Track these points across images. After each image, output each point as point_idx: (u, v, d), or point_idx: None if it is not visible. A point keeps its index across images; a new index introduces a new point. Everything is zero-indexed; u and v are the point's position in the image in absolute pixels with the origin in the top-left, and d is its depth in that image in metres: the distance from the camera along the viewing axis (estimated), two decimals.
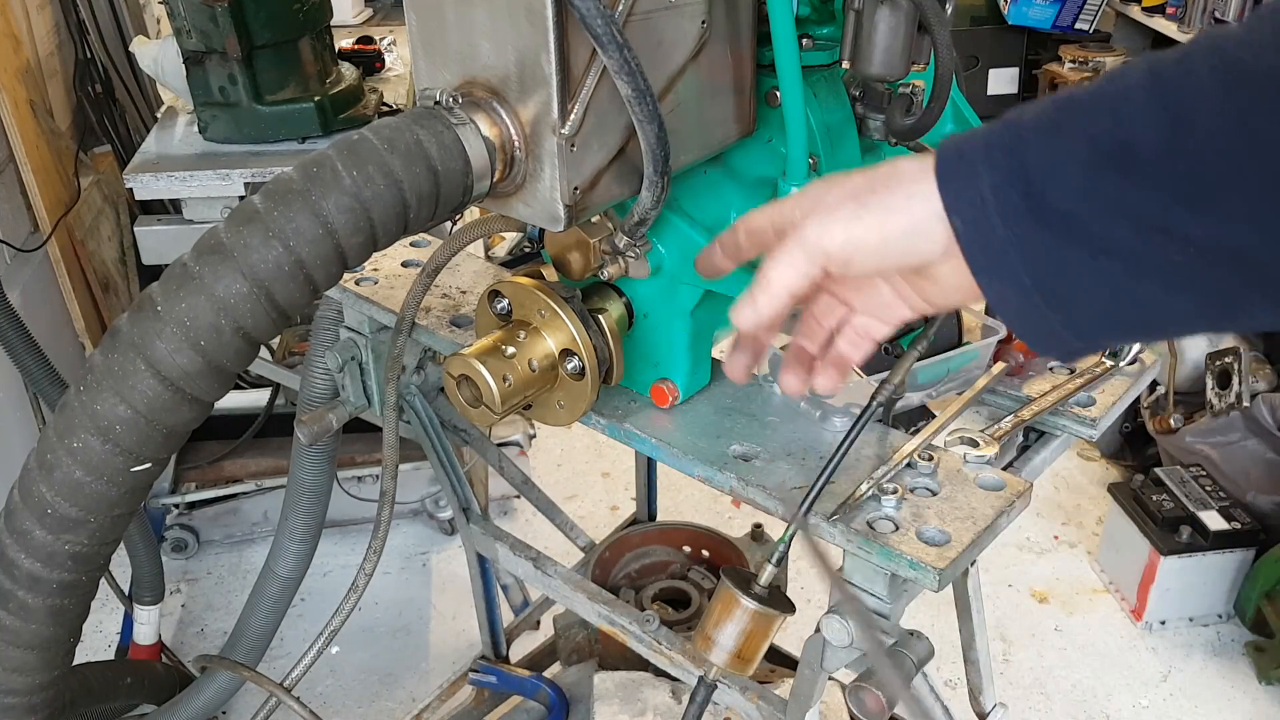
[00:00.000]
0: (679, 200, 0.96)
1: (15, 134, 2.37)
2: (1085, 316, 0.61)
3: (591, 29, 0.72)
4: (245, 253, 0.75)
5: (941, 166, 0.62)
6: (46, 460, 0.82)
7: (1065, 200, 0.58)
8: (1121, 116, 0.57)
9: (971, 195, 0.60)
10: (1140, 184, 0.56)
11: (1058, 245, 0.59)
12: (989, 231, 0.60)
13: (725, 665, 0.92)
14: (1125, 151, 0.56)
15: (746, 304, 0.68)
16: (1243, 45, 0.55)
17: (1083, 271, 0.59)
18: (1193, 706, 2.30)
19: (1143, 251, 0.57)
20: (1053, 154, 0.58)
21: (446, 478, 1.37)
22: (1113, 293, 0.59)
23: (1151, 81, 0.57)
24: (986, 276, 0.62)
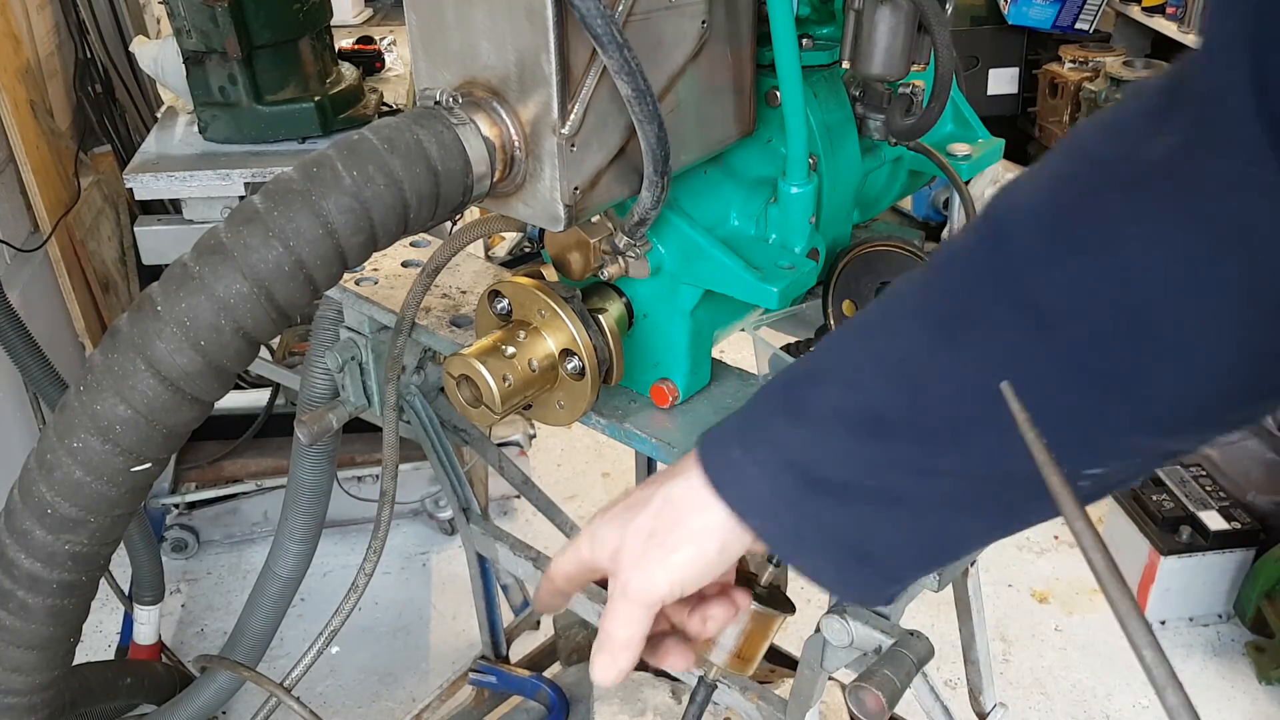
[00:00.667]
0: (679, 200, 0.96)
1: (15, 134, 2.37)
2: (893, 562, 0.64)
3: (591, 29, 0.72)
4: (245, 253, 0.75)
5: (712, 475, 0.64)
6: (46, 460, 0.82)
7: (836, 472, 0.61)
8: (853, 386, 0.61)
9: (752, 496, 0.63)
10: (898, 441, 0.59)
11: (846, 511, 0.62)
12: (783, 522, 0.63)
13: (725, 665, 0.92)
14: (873, 419, 0.60)
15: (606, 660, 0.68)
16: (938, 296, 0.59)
17: (877, 525, 0.62)
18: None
19: (921, 492, 0.60)
20: (806, 432, 0.62)
21: (446, 478, 1.37)
22: (909, 534, 0.63)
23: (869, 350, 0.62)
24: (798, 560, 0.65)
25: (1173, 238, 0.51)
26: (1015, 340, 0.55)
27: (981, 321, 0.57)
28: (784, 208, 0.96)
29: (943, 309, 0.59)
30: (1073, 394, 0.55)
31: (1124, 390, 0.54)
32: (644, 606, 0.66)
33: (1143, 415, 0.55)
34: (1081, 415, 0.55)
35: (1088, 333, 0.53)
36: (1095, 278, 0.53)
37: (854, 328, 0.65)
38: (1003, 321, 0.56)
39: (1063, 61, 3.60)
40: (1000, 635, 2.47)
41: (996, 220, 0.57)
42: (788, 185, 0.94)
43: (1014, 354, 0.56)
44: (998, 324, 0.56)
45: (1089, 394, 0.55)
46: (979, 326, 0.57)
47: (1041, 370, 0.55)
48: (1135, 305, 0.52)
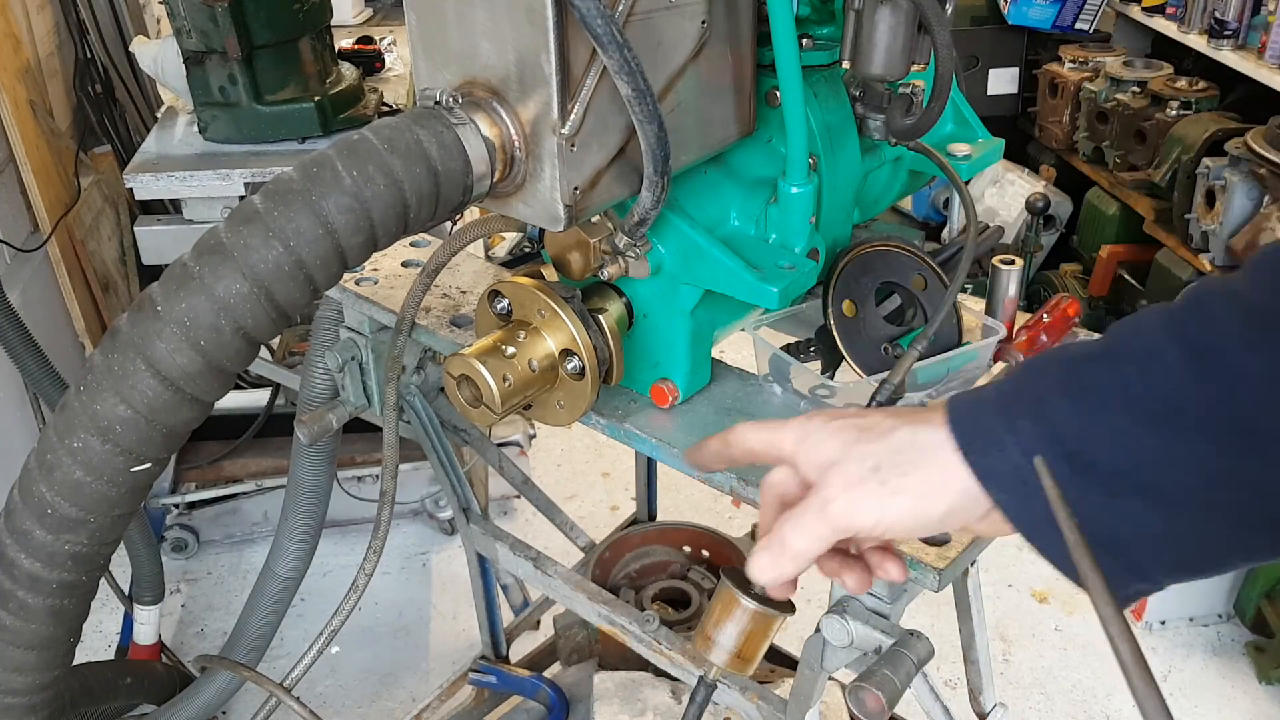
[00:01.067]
0: (679, 200, 0.96)
1: (15, 134, 2.37)
2: (1148, 561, 0.60)
3: (591, 29, 0.72)
4: (245, 253, 0.75)
5: (961, 439, 0.61)
6: (46, 460, 0.82)
7: (1112, 459, 0.57)
8: (1153, 374, 0.57)
9: (1005, 467, 0.60)
10: (1193, 438, 0.55)
11: (1111, 500, 0.58)
12: (1032, 497, 0.59)
13: (725, 665, 0.92)
14: (1171, 410, 0.56)
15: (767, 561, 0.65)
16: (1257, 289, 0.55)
17: (1142, 521, 0.58)
18: (1193, 706, 2.30)
19: (1207, 497, 0.56)
20: (1088, 416, 0.58)
21: (446, 478, 1.37)
22: (1177, 537, 0.59)
23: (1174, 335, 0.57)
24: (1042, 541, 0.61)
25: None
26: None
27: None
28: (784, 208, 0.96)
29: (1265, 300, 0.55)
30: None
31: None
32: (836, 531, 0.63)
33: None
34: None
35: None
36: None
37: (1160, 312, 0.59)
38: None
39: (1063, 61, 3.59)
40: (1000, 635, 2.47)
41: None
42: (788, 185, 0.94)
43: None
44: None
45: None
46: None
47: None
48: None
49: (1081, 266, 3.50)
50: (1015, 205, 3.55)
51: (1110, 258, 3.32)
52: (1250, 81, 2.87)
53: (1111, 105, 3.34)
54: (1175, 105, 3.14)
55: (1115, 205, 3.36)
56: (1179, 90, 3.19)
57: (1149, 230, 3.15)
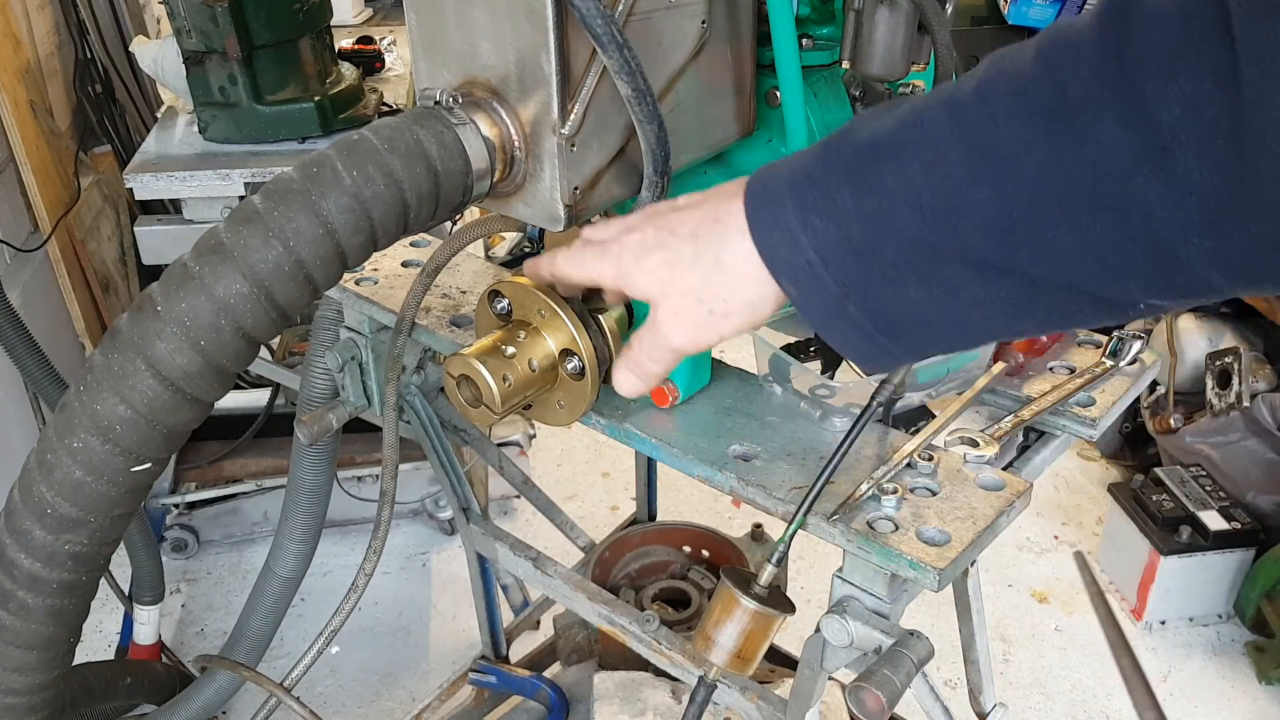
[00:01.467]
0: None
1: (15, 134, 2.37)
2: (922, 339, 0.65)
3: (591, 29, 0.72)
4: (245, 253, 0.75)
5: (759, 238, 0.65)
6: (46, 460, 0.82)
7: (895, 252, 0.61)
8: (937, 169, 0.59)
9: (796, 258, 0.64)
10: (973, 233, 0.58)
11: (893, 289, 0.62)
12: (823, 290, 0.64)
13: (725, 665, 0.92)
14: (951, 205, 0.58)
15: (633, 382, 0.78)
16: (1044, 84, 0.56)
17: (920, 309, 0.62)
18: (1193, 706, 2.30)
19: (980, 289, 0.60)
20: (873, 208, 0.61)
21: (446, 478, 1.37)
22: (952, 321, 0.63)
23: (959, 130, 0.58)
24: (828, 330, 0.66)
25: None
26: (1123, 154, 0.53)
27: (1088, 126, 0.54)
28: None
29: (1049, 103, 0.55)
30: (1174, 221, 0.53)
31: (1224, 228, 0.52)
32: (679, 354, 0.73)
33: (1229, 256, 0.53)
34: (1173, 244, 0.54)
35: (1201, 164, 0.51)
36: (1219, 107, 0.50)
37: (944, 103, 0.60)
38: (1112, 132, 0.53)
39: None
40: (1000, 635, 2.47)
41: (1117, 14, 0.53)
42: None
43: (1117, 167, 0.53)
44: (1107, 133, 0.53)
45: (1188, 223, 0.53)
46: (1087, 133, 0.54)
47: (1147, 189, 0.53)
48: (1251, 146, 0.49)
49: None
50: None
51: None
52: None
53: None
54: None
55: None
56: None
57: None
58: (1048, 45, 0.57)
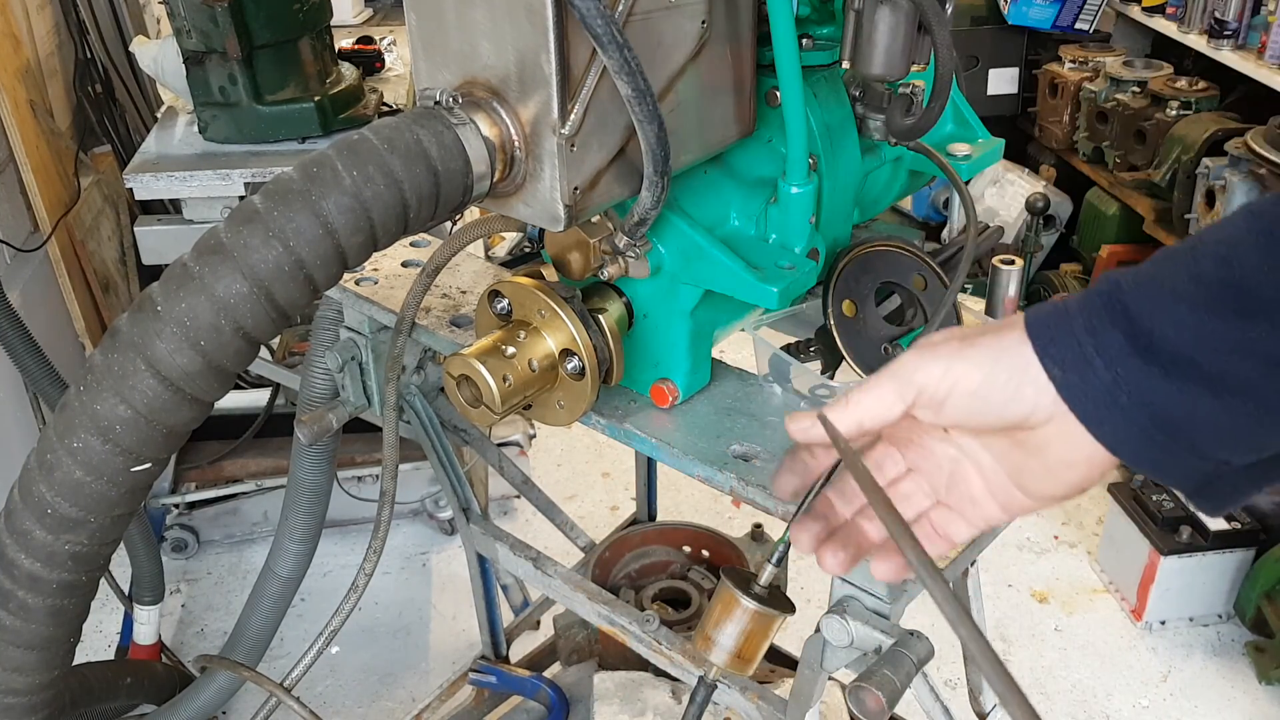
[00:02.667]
0: (679, 200, 0.96)
1: (15, 134, 2.37)
2: (1209, 442, 0.59)
3: (591, 29, 0.72)
4: (245, 253, 0.75)
5: (1032, 325, 0.61)
6: (46, 460, 0.82)
7: (1177, 341, 0.57)
8: (1228, 260, 0.56)
9: (1067, 341, 0.60)
10: (1260, 323, 0.55)
11: (1171, 384, 0.57)
12: (1090, 374, 0.59)
13: (725, 665, 0.92)
14: (1240, 293, 0.55)
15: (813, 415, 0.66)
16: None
17: (1205, 408, 0.58)
18: (1192, 706, 2.30)
19: (1269, 385, 0.56)
20: (1156, 297, 0.58)
21: (446, 478, 1.37)
22: (1239, 422, 0.58)
23: (1255, 223, 0.56)
24: (1095, 422, 0.60)
25: None
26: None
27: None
28: (784, 208, 0.96)
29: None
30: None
31: None
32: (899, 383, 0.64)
33: None
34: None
35: None
36: None
37: (1246, 208, 0.59)
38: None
39: (1063, 61, 3.60)
40: (1000, 635, 2.47)
41: None
42: (788, 185, 0.94)
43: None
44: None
45: None
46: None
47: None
48: None
49: (1081, 266, 3.50)
50: (1015, 205, 3.55)
51: (1110, 258, 3.32)
52: (1250, 81, 2.87)
53: (1111, 105, 3.35)
54: (1175, 105, 3.14)
55: (1115, 205, 3.36)
56: (1179, 90, 3.19)
57: (1149, 230, 3.15)
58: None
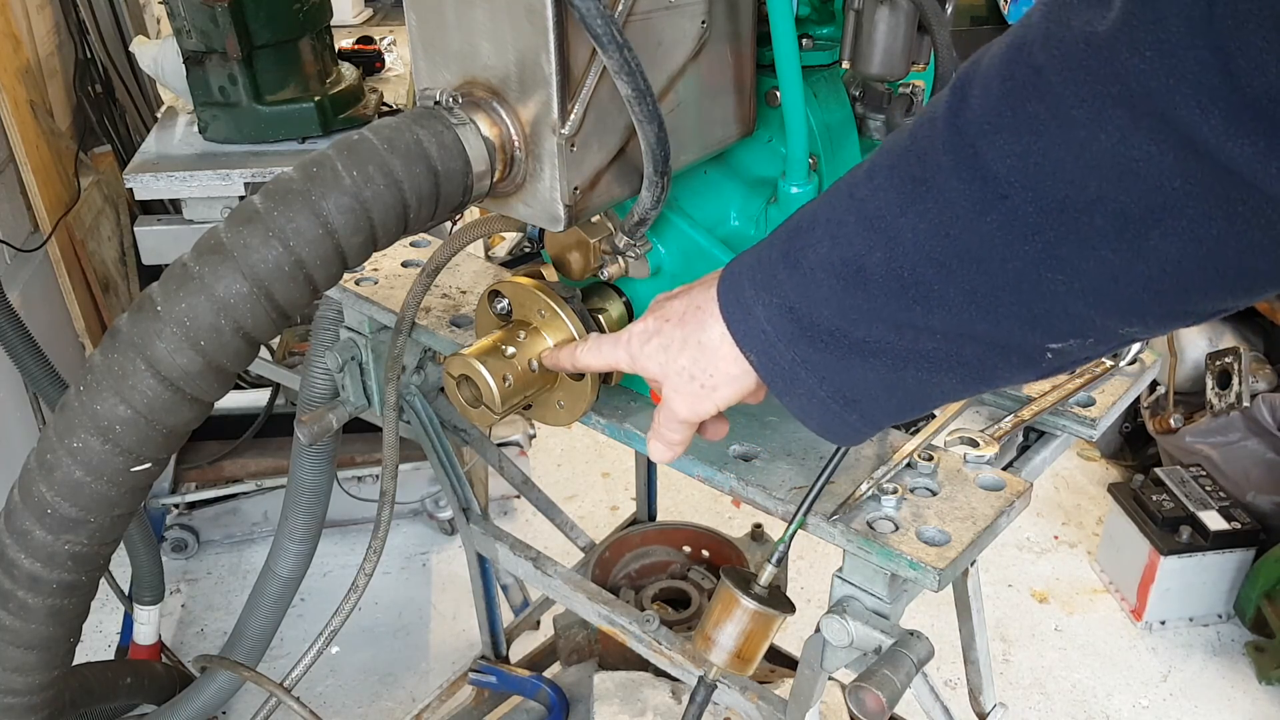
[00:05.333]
0: (679, 200, 0.96)
1: (15, 134, 2.37)
2: (874, 409, 0.71)
3: (591, 29, 0.72)
4: (245, 253, 0.75)
5: (724, 305, 0.73)
6: (46, 460, 0.82)
7: (827, 319, 0.67)
8: (839, 240, 0.66)
9: (755, 329, 0.71)
10: (878, 294, 0.64)
11: (835, 357, 0.68)
12: (780, 362, 0.71)
13: (725, 665, 0.92)
14: (857, 271, 0.65)
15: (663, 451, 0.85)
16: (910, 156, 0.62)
17: (862, 374, 0.68)
18: (1192, 706, 2.30)
19: (899, 345, 0.66)
20: (800, 280, 0.68)
21: (446, 478, 1.37)
22: (890, 385, 0.68)
23: (853, 204, 0.66)
24: (788, 396, 0.72)
25: (1114, 126, 0.52)
26: (972, 208, 0.59)
27: (940, 186, 0.60)
28: (784, 208, 0.96)
29: (911, 169, 0.62)
30: (1021, 262, 0.58)
31: (1067, 262, 0.57)
32: (691, 425, 0.81)
33: (1085, 288, 0.58)
34: (1031, 284, 0.59)
35: (1039, 208, 0.56)
36: (1041, 154, 0.55)
37: (846, 180, 0.68)
38: (957, 189, 0.59)
39: None
40: (1000, 635, 2.47)
41: (961, 84, 0.60)
42: (788, 185, 0.94)
43: (967, 219, 0.59)
44: (953, 190, 0.60)
45: (1041, 266, 0.58)
46: (938, 190, 0.60)
47: (991, 236, 0.59)
48: (1083, 187, 0.55)
49: None
50: None
51: None
52: None
53: None
54: None
55: None
56: None
57: None
58: (918, 120, 0.64)
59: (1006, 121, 0.57)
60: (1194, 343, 2.81)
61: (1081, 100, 0.53)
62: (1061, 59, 0.54)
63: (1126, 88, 0.51)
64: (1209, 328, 2.84)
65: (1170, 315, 0.59)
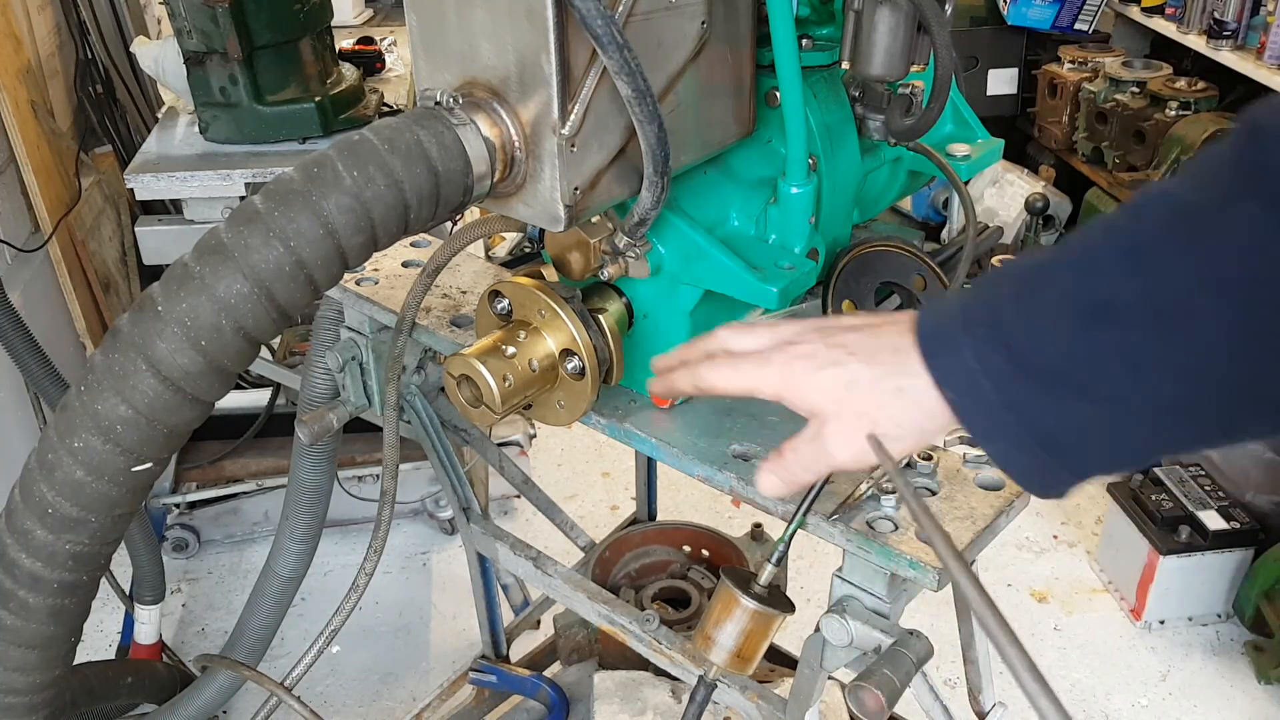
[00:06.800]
0: (679, 200, 0.96)
1: (16, 134, 2.37)
2: (1085, 458, 0.64)
3: (591, 29, 0.73)
4: (246, 253, 0.76)
5: (925, 344, 0.67)
6: (47, 460, 0.82)
7: (1050, 356, 0.61)
8: (1089, 273, 0.61)
9: (958, 367, 0.64)
10: (1122, 330, 0.59)
11: (1051, 399, 0.62)
12: (981, 398, 0.64)
13: (725, 664, 0.93)
14: (1103, 306, 0.60)
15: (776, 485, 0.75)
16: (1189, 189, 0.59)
17: (1079, 418, 0.62)
18: (1192, 706, 2.31)
19: (1135, 390, 0.60)
20: (1029, 316, 0.62)
21: (447, 477, 1.37)
22: (1110, 431, 0.62)
23: (1111, 237, 0.61)
24: (988, 440, 0.65)
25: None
26: (1261, 233, 0.55)
27: (1228, 211, 0.56)
28: (784, 208, 0.96)
29: (1192, 198, 0.58)
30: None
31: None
32: (831, 466, 0.72)
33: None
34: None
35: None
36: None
37: (1103, 221, 0.64)
38: (1250, 213, 0.55)
39: (1062, 62, 3.60)
40: None
41: (1256, 121, 0.57)
42: (787, 186, 0.95)
43: (1258, 246, 0.55)
44: (1245, 215, 0.55)
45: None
46: (1225, 215, 0.56)
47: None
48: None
49: None
50: (1015, 205, 3.55)
51: None
52: (1249, 82, 2.88)
53: (1110, 105, 3.35)
54: (1174, 105, 3.14)
55: (1115, 206, 3.36)
56: (1178, 91, 3.19)
57: None
58: (1191, 165, 0.60)
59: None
60: None
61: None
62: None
63: None
64: None
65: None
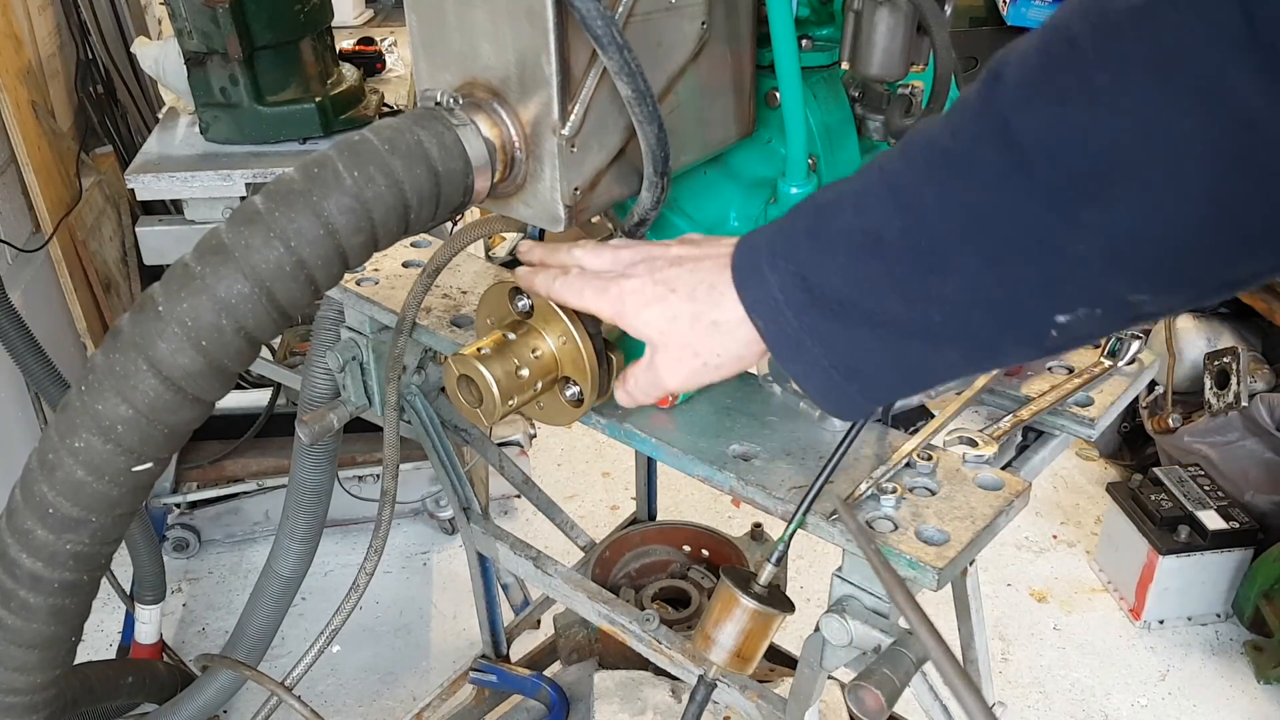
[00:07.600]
0: (679, 201, 0.96)
1: (17, 135, 2.38)
2: (875, 382, 0.72)
3: (591, 30, 0.73)
4: (247, 253, 0.76)
5: (738, 275, 0.74)
6: (48, 460, 0.82)
7: (836, 287, 0.68)
8: (863, 210, 0.67)
9: (765, 298, 0.72)
10: (894, 262, 0.66)
11: (842, 327, 0.69)
12: (786, 328, 0.71)
13: (725, 664, 0.93)
14: (875, 241, 0.66)
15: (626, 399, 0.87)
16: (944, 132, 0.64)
17: (866, 345, 0.69)
18: (1191, 705, 2.31)
19: (908, 318, 0.66)
20: (819, 250, 0.69)
21: (447, 477, 1.37)
22: (893, 357, 0.69)
23: (883, 177, 0.67)
24: (791, 363, 0.73)
25: (1139, 88, 0.54)
26: (997, 175, 0.60)
27: (970, 155, 0.62)
28: (784, 208, 0.96)
29: (944, 144, 0.64)
30: (1045, 228, 0.60)
31: (1093, 229, 0.58)
32: (665, 390, 0.83)
33: (1111, 254, 0.59)
34: (1052, 250, 0.60)
35: (1062, 174, 0.58)
36: (1070, 124, 0.57)
37: (879, 157, 0.69)
38: (987, 158, 0.61)
39: None
40: (999, 634, 2.47)
41: (996, 65, 0.61)
42: (787, 186, 0.95)
43: (995, 187, 0.61)
44: (983, 159, 0.61)
45: (1060, 229, 0.59)
46: (967, 160, 0.62)
47: (1018, 204, 0.60)
48: (1105, 151, 0.56)
49: None
50: None
51: None
52: None
53: None
54: None
55: None
56: None
57: None
58: (955, 101, 0.65)
59: (1037, 93, 0.58)
60: (1192, 343, 2.81)
61: (1108, 64, 0.55)
62: (1095, 27, 0.56)
63: (1156, 48, 0.53)
64: (1207, 327, 2.84)
65: (1177, 282, 0.60)
